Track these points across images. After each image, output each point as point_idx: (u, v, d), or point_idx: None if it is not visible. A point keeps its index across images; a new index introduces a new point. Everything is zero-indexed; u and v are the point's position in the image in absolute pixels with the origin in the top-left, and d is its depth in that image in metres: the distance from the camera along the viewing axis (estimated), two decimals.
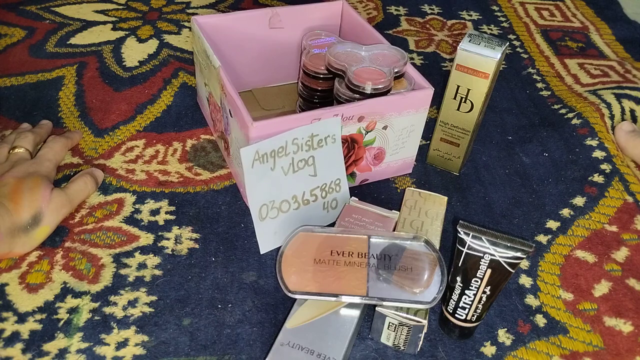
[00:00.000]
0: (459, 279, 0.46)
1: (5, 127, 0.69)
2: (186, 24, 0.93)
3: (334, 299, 0.45)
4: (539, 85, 0.84)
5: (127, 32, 0.89)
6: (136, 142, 0.68)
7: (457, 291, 0.47)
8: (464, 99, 0.61)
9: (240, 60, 0.72)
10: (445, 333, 0.50)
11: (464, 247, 0.45)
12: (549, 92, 0.82)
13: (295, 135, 0.53)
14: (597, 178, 0.67)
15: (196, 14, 0.94)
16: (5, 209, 0.51)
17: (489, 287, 0.45)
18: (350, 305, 0.47)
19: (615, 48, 0.95)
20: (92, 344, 0.47)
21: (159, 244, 0.56)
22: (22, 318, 0.49)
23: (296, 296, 0.45)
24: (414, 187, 0.65)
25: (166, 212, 0.59)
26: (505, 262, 0.44)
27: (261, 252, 0.56)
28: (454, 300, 0.47)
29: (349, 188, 0.60)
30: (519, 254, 0.44)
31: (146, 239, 0.57)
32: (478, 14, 1.03)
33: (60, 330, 0.48)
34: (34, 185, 0.54)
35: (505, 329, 0.51)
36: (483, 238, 0.44)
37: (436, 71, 0.86)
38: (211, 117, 0.68)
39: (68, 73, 0.79)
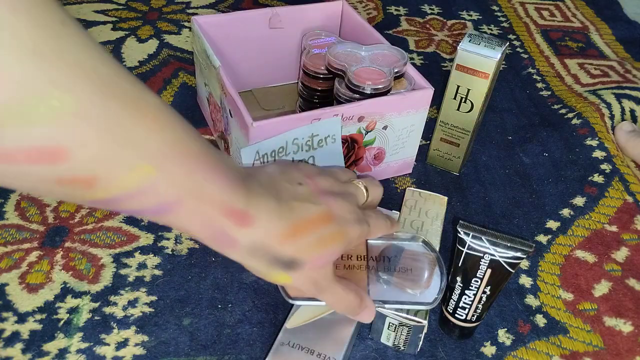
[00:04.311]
0: (459, 279, 0.46)
1: None
2: (186, 24, 0.93)
3: None
4: (539, 85, 0.84)
5: (127, 32, 0.89)
6: None
7: (457, 291, 0.47)
8: (464, 99, 0.61)
9: (240, 60, 0.72)
10: (445, 333, 0.50)
11: (464, 247, 0.45)
12: (549, 92, 0.82)
13: (295, 136, 0.53)
14: (597, 178, 0.67)
15: (196, 14, 0.94)
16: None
17: (489, 287, 0.45)
18: None
19: (615, 48, 0.94)
20: (92, 344, 0.47)
21: (159, 244, 0.56)
22: (22, 318, 0.49)
23: (297, 302, 0.45)
24: (414, 187, 0.65)
25: None
26: (505, 262, 0.44)
27: None
28: (454, 300, 0.47)
29: None
30: (519, 254, 0.44)
31: (146, 239, 0.57)
32: (478, 14, 1.03)
33: (60, 330, 0.48)
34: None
35: (505, 329, 0.51)
36: (483, 238, 0.44)
37: (436, 71, 0.86)
38: (211, 117, 0.68)
39: None
